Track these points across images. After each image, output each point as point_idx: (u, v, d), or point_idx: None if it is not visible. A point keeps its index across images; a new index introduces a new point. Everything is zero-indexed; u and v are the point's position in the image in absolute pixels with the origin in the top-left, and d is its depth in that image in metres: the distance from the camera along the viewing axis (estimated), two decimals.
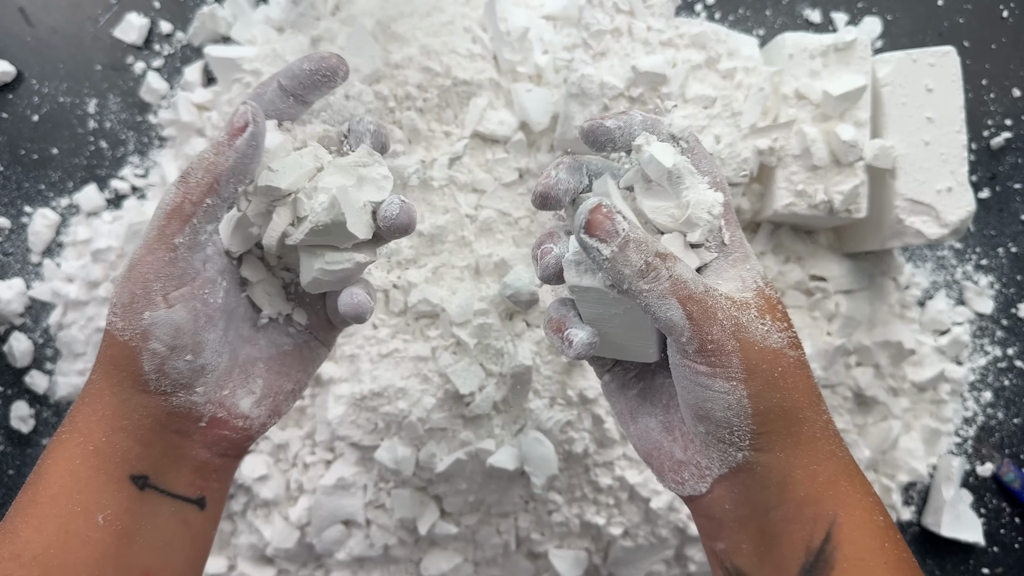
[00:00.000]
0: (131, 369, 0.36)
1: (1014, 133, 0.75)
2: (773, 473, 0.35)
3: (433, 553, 0.66)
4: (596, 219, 0.33)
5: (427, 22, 0.65)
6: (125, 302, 0.35)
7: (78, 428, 0.37)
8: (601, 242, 0.33)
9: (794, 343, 0.35)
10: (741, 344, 0.33)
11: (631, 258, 0.33)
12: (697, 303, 0.33)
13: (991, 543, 0.72)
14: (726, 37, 0.61)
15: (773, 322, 0.34)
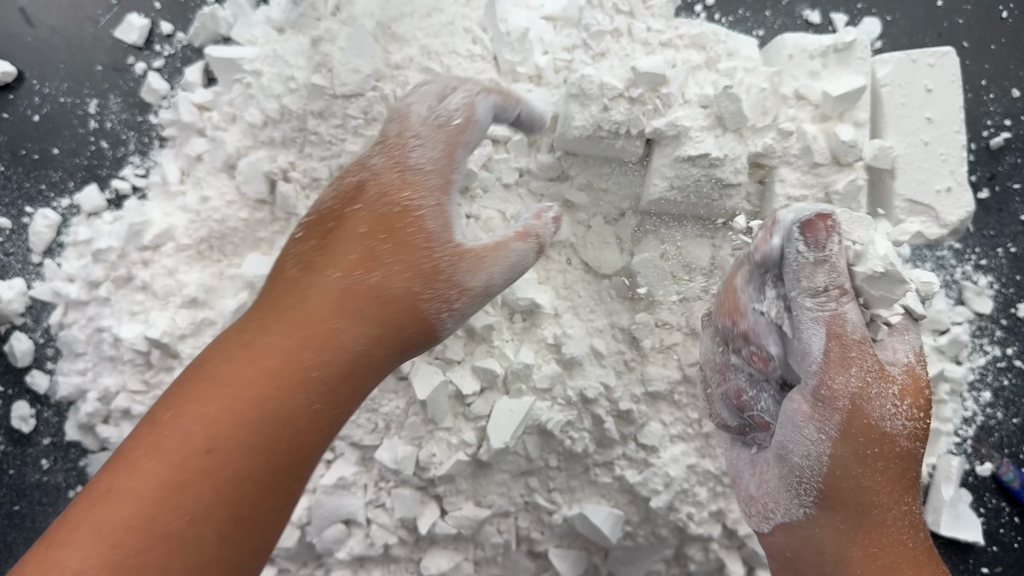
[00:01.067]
0: (426, 337, 0.38)
1: (1013, 133, 0.75)
2: (829, 542, 0.34)
3: (433, 552, 0.66)
4: (818, 223, 0.33)
5: (427, 22, 0.65)
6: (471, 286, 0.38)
7: (338, 400, 0.35)
8: (806, 245, 0.33)
9: (916, 435, 0.34)
10: (854, 409, 0.33)
11: (817, 275, 0.33)
12: (843, 347, 0.33)
13: (990, 543, 0.72)
14: (725, 37, 0.61)
15: (911, 408, 0.33)
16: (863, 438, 0.33)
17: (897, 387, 0.33)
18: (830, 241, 0.33)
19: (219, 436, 0.31)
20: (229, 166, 0.69)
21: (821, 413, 0.33)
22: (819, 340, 0.33)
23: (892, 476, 0.33)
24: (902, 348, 0.35)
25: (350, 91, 0.63)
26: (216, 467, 0.30)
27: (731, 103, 0.58)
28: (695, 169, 0.59)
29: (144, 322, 0.67)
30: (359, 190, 0.38)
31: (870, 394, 0.33)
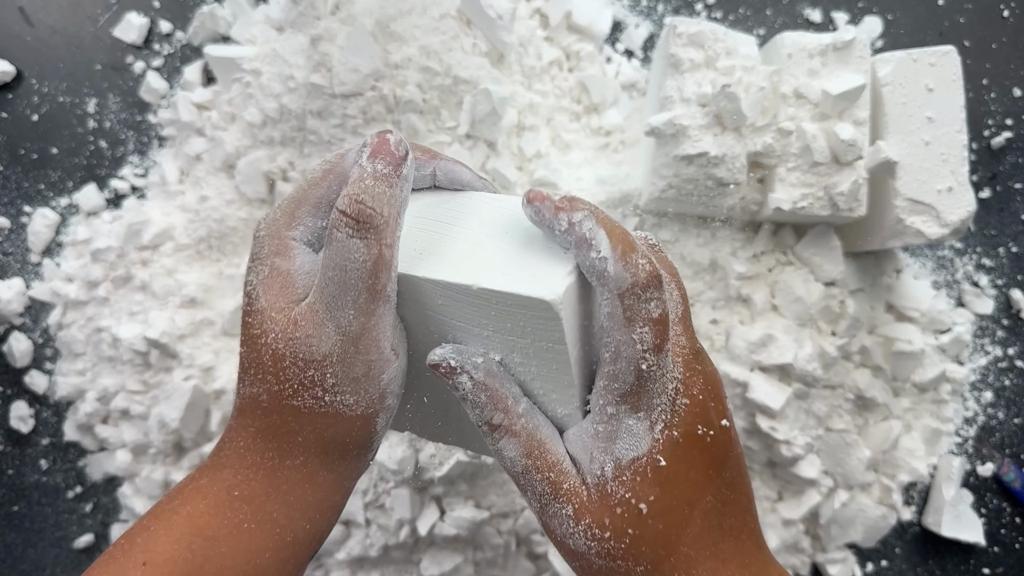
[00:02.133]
0: (362, 438, 0.33)
1: (1015, 133, 0.75)
2: None
3: (433, 553, 0.66)
4: (435, 372, 0.32)
5: (425, 19, 0.65)
6: (359, 375, 0.32)
7: (271, 518, 0.32)
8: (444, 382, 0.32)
9: (609, 554, 0.31)
10: (544, 524, 0.32)
11: (468, 413, 0.32)
12: (513, 476, 0.33)
13: (992, 543, 0.71)
14: (724, 36, 0.61)
15: (590, 527, 0.31)
16: (563, 553, 0.32)
17: (572, 507, 0.31)
18: (457, 383, 0.31)
19: (154, 550, 0.31)
20: (228, 165, 0.69)
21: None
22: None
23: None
24: (600, 458, 0.31)
25: (349, 90, 0.63)
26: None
27: (729, 102, 0.58)
28: (693, 168, 0.59)
29: (143, 322, 0.67)
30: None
31: (549, 514, 0.31)
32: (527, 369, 0.32)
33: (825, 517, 0.67)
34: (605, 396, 0.30)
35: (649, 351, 0.29)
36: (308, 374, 0.31)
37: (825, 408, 0.67)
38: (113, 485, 0.72)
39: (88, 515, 0.72)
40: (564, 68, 0.71)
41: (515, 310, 0.30)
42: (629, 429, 0.30)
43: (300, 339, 0.31)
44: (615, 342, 0.29)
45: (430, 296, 0.32)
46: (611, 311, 0.29)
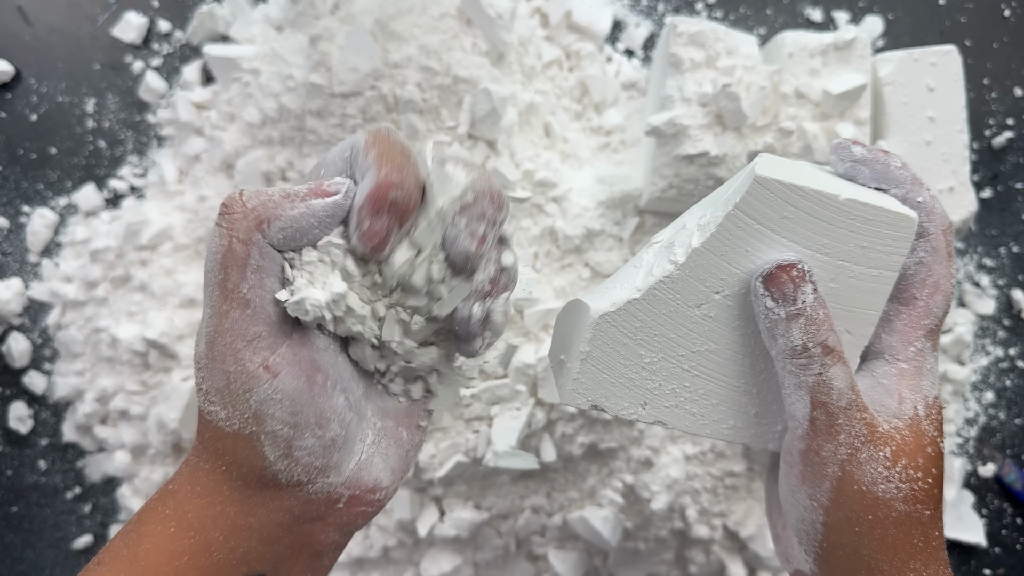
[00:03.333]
0: (252, 463, 0.30)
1: (1016, 133, 0.74)
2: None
3: (432, 554, 0.66)
4: (781, 276, 0.30)
5: (425, 18, 0.64)
6: (220, 386, 0.29)
7: (188, 519, 0.30)
8: (773, 300, 0.30)
9: (914, 497, 0.31)
10: (843, 477, 0.31)
11: (792, 332, 0.30)
12: (829, 415, 0.30)
13: (993, 544, 0.71)
14: (724, 35, 0.61)
15: (906, 469, 0.31)
16: (856, 505, 0.31)
17: (890, 448, 0.31)
18: (800, 292, 0.30)
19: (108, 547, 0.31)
20: (227, 165, 0.69)
21: (811, 479, 0.31)
22: (803, 407, 0.31)
23: (892, 543, 0.31)
24: (911, 398, 0.32)
25: (348, 90, 0.62)
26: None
27: (730, 101, 0.57)
28: (694, 168, 0.59)
29: (142, 322, 0.67)
30: None
31: (860, 459, 0.31)
32: (837, 301, 0.33)
33: None
34: (912, 332, 0.32)
35: (954, 287, 0.33)
36: (197, 375, 0.30)
37: None
38: (112, 486, 0.72)
39: (87, 516, 0.72)
40: (564, 68, 0.71)
41: (870, 227, 0.31)
42: (931, 368, 0.32)
43: (197, 336, 0.30)
44: (935, 276, 0.32)
45: (774, 208, 0.31)
46: (934, 246, 0.32)
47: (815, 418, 0.31)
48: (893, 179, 0.33)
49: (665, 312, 0.33)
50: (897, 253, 0.32)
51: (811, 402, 0.30)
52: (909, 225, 0.32)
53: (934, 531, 0.32)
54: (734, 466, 0.66)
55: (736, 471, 0.66)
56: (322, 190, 0.29)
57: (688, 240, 0.33)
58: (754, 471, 0.68)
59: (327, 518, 0.32)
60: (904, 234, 0.32)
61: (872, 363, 0.33)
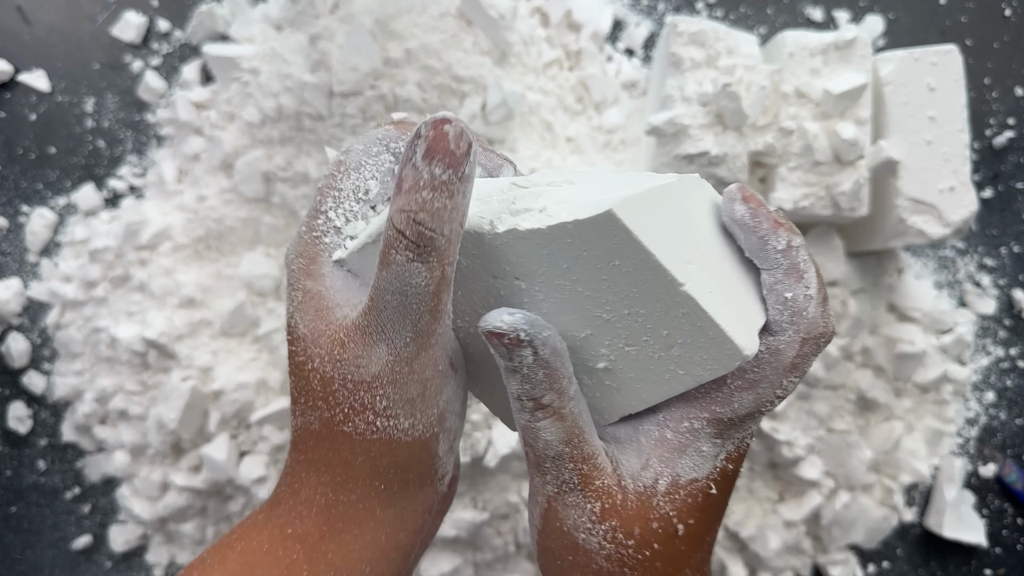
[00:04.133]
0: (421, 464, 0.30)
1: (1017, 132, 0.74)
2: None
3: (432, 555, 0.66)
4: (494, 339, 0.27)
5: (424, 18, 0.64)
6: (413, 396, 0.29)
7: (327, 559, 0.30)
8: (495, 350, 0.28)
9: (620, 560, 0.29)
10: (549, 509, 0.30)
11: (511, 382, 0.28)
12: (536, 457, 0.29)
13: (993, 544, 0.71)
14: (725, 35, 0.61)
15: (614, 531, 0.29)
16: (557, 542, 0.30)
17: (601, 505, 0.29)
18: (516, 356, 0.27)
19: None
20: (227, 165, 0.69)
21: (531, 501, 0.31)
22: (521, 439, 0.30)
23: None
24: (656, 468, 0.29)
25: (348, 89, 0.62)
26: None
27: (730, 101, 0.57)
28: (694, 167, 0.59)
29: (141, 322, 0.67)
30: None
31: (566, 502, 0.29)
32: (627, 367, 0.29)
33: (826, 518, 0.67)
34: (697, 411, 0.29)
35: (780, 399, 0.28)
36: (358, 396, 0.29)
37: (827, 409, 0.66)
38: (111, 486, 0.72)
39: (86, 516, 0.72)
40: (564, 67, 0.71)
41: (695, 329, 0.27)
42: (699, 450, 0.29)
43: (348, 360, 0.29)
44: (758, 377, 0.28)
45: (607, 248, 0.27)
46: (779, 349, 0.28)
47: (527, 453, 0.30)
48: (767, 260, 0.28)
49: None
50: (707, 372, 0.28)
51: (523, 441, 0.30)
52: (733, 355, 0.27)
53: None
54: None
55: None
56: (455, 156, 0.25)
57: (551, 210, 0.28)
58: (755, 471, 0.67)
59: (440, 508, 0.33)
60: (724, 360, 0.27)
61: (646, 416, 0.30)
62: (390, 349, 0.28)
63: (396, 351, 0.28)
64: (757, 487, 0.67)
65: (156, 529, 0.70)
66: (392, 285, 0.27)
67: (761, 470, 0.67)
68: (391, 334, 0.28)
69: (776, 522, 0.67)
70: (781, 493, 0.68)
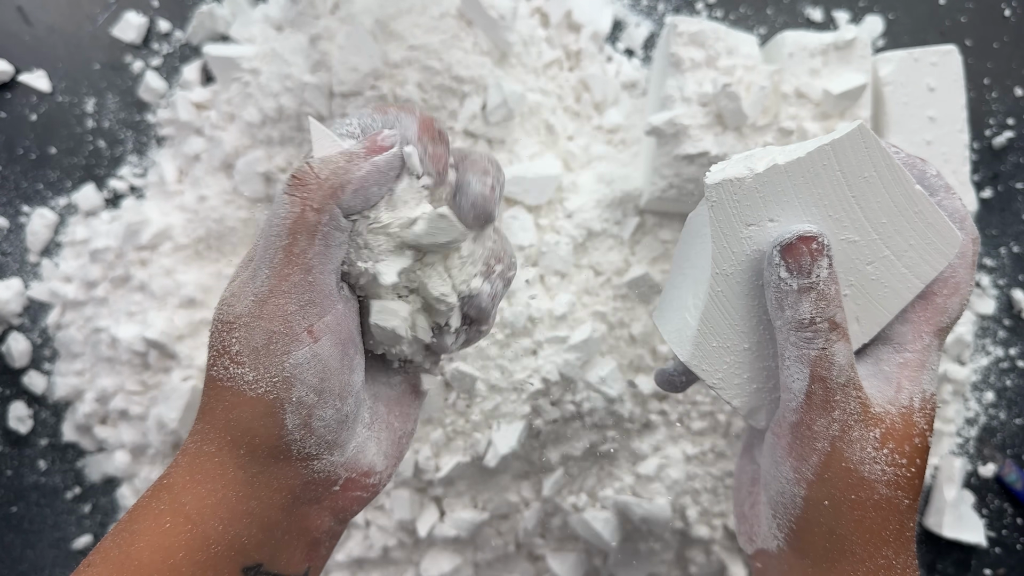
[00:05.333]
0: (267, 432, 0.30)
1: (1017, 132, 0.74)
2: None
3: (432, 555, 0.66)
4: (800, 247, 0.30)
5: (425, 18, 0.64)
6: (258, 345, 0.29)
7: (184, 511, 0.30)
8: (788, 271, 0.30)
9: (896, 482, 0.31)
10: (832, 452, 0.31)
11: (802, 305, 0.30)
12: (826, 390, 0.30)
13: (993, 544, 0.71)
14: (725, 35, 0.61)
15: (892, 453, 0.31)
16: (840, 483, 0.31)
17: (880, 430, 0.31)
18: (816, 266, 0.30)
19: (100, 548, 0.31)
20: (227, 165, 0.69)
21: (798, 452, 0.31)
22: (802, 380, 0.31)
23: (869, 526, 0.31)
24: (909, 388, 0.32)
25: (348, 90, 0.62)
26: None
27: (730, 101, 0.57)
28: (694, 167, 0.59)
29: (142, 322, 0.67)
30: None
31: (851, 437, 0.31)
32: (864, 286, 0.33)
33: None
34: (924, 326, 0.32)
35: (970, 293, 0.33)
36: (222, 337, 0.30)
37: None
38: (112, 486, 0.72)
39: (87, 516, 0.72)
40: (564, 67, 0.71)
41: (922, 228, 0.32)
42: (933, 364, 0.32)
43: (226, 299, 0.30)
44: (957, 279, 0.32)
45: (859, 164, 0.31)
46: (963, 252, 0.32)
47: (812, 392, 0.31)
48: (929, 187, 0.33)
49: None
50: (933, 266, 0.32)
51: (810, 375, 0.30)
52: (954, 242, 0.32)
53: (909, 521, 0.32)
54: (734, 466, 0.66)
55: None
56: (378, 146, 0.30)
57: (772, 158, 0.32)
58: None
59: (323, 501, 0.32)
60: (946, 250, 0.32)
61: (878, 348, 0.33)
62: (253, 289, 0.30)
63: (256, 290, 0.29)
64: None
65: None
66: (267, 215, 0.29)
67: None
68: (256, 270, 0.30)
69: None
70: None
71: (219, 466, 0.30)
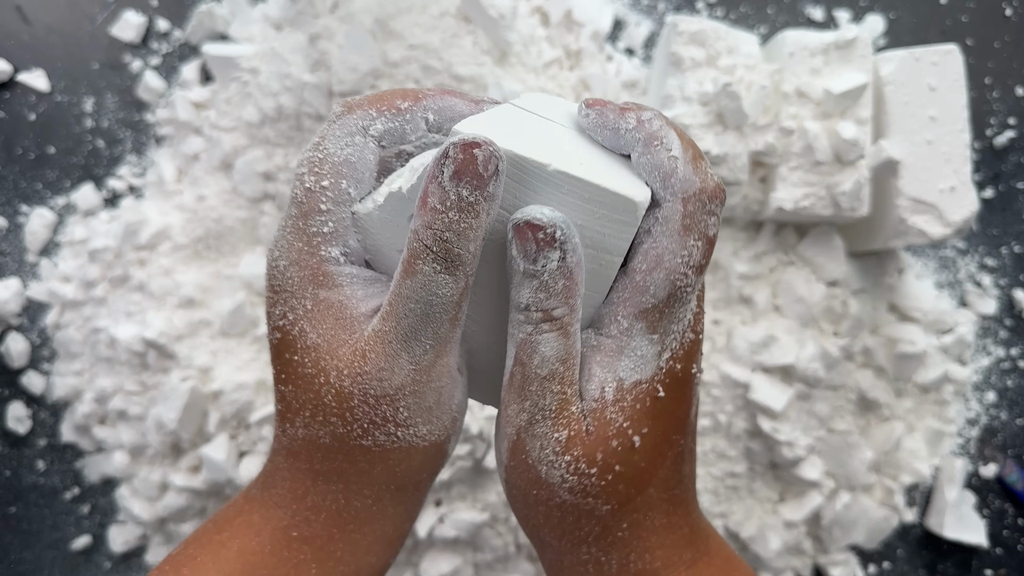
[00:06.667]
0: (436, 465, 0.31)
1: (1018, 132, 0.74)
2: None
3: (432, 556, 0.66)
4: (526, 233, 0.27)
5: (424, 17, 0.64)
6: (431, 404, 0.29)
7: (336, 556, 0.30)
8: (516, 251, 0.27)
9: (583, 490, 0.28)
10: (517, 443, 0.29)
11: (523, 289, 0.28)
12: (524, 377, 0.28)
13: (994, 545, 0.71)
14: (725, 34, 0.61)
15: (575, 460, 0.28)
16: (522, 477, 0.29)
17: (567, 433, 0.28)
18: (542, 256, 0.27)
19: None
20: (226, 165, 0.69)
21: (499, 432, 0.30)
22: (510, 359, 0.29)
23: (556, 525, 0.29)
24: (600, 375, 0.28)
25: (348, 89, 0.62)
26: None
27: (731, 101, 0.57)
28: None
29: (140, 322, 0.67)
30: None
31: (534, 432, 0.28)
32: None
33: (827, 519, 0.67)
34: (623, 308, 0.28)
35: (692, 269, 0.27)
36: (380, 410, 0.28)
37: (827, 409, 0.66)
38: (110, 487, 0.72)
39: (85, 517, 0.72)
40: (564, 67, 0.71)
41: (591, 205, 0.27)
42: (637, 349, 0.28)
43: (370, 373, 0.28)
44: (659, 250, 0.27)
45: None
46: (666, 216, 0.27)
47: (513, 374, 0.29)
48: (626, 143, 0.28)
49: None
50: (621, 238, 0.28)
51: (515, 358, 0.28)
52: (631, 208, 0.27)
53: (621, 523, 0.29)
54: (735, 467, 0.66)
55: (736, 471, 0.66)
56: (483, 179, 0.26)
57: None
58: (755, 471, 0.67)
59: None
60: (627, 218, 0.27)
61: (586, 334, 0.30)
62: (411, 359, 0.28)
63: (416, 360, 0.28)
64: (757, 487, 0.67)
65: (155, 530, 0.70)
66: (417, 294, 0.27)
67: (761, 470, 0.67)
68: (412, 343, 0.28)
69: (776, 522, 0.67)
70: (781, 493, 0.68)
71: (377, 512, 0.31)
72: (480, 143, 0.25)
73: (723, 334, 0.66)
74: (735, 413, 0.65)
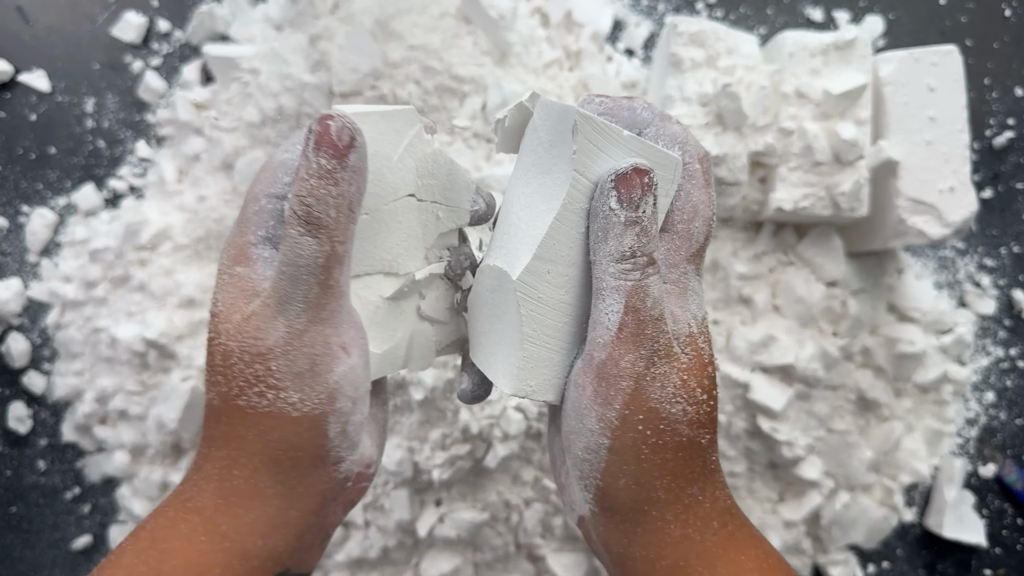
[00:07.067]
0: (312, 444, 0.31)
1: (1017, 132, 0.74)
2: (613, 542, 0.32)
3: (432, 555, 0.66)
4: (634, 180, 0.30)
5: (425, 18, 0.64)
6: (302, 369, 0.30)
7: (220, 531, 0.31)
8: (619, 202, 0.30)
9: (698, 420, 0.31)
10: (636, 391, 0.30)
11: (626, 237, 0.30)
12: (639, 322, 0.30)
13: (993, 544, 0.71)
14: (725, 35, 0.61)
15: (692, 389, 0.31)
16: (643, 426, 0.30)
17: (682, 366, 0.30)
18: (644, 201, 0.30)
19: (119, 563, 0.31)
20: (227, 165, 0.69)
21: (603, 396, 0.30)
22: (616, 313, 0.30)
23: (672, 468, 0.31)
24: (683, 316, 0.32)
25: (348, 89, 0.62)
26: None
27: (730, 101, 0.57)
28: None
29: (141, 322, 0.67)
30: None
31: (654, 374, 0.30)
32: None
33: (826, 518, 0.67)
34: (674, 256, 0.32)
35: (715, 214, 0.33)
36: (253, 368, 0.30)
37: (826, 409, 0.66)
38: (111, 486, 0.72)
39: (86, 516, 0.72)
40: (564, 67, 0.71)
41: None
42: (694, 288, 0.32)
43: (249, 332, 0.30)
44: (694, 201, 0.32)
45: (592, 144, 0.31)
46: (691, 173, 0.32)
47: (624, 324, 0.30)
48: (642, 121, 0.33)
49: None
50: (664, 194, 0.32)
51: (625, 306, 0.30)
52: (673, 165, 0.31)
53: (711, 456, 0.32)
54: (734, 466, 0.66)
55: (736, 471, 0.66)
56: (337, 148, 0.30)
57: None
58: (754, 471, 0.67)
59: (339, 497, 0.34)
60: (670, 174, 0.32)
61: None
62: (285, 321, 0.30)
63: (290, 322, 0.30)
64: (757, 487, 0.67)
65: None
66: (287, 257, 0.29)
67: (761, 470, 0.67)
68: (286, 305, 0.30)
69: (776, 522, 0.67)
70: (781, 493, 0.68)
71: (254, 486, 0.31)
72: (333, 115, 0.29)
73: (723, 334, 0.66)
74: (735, 413, 0.65)
